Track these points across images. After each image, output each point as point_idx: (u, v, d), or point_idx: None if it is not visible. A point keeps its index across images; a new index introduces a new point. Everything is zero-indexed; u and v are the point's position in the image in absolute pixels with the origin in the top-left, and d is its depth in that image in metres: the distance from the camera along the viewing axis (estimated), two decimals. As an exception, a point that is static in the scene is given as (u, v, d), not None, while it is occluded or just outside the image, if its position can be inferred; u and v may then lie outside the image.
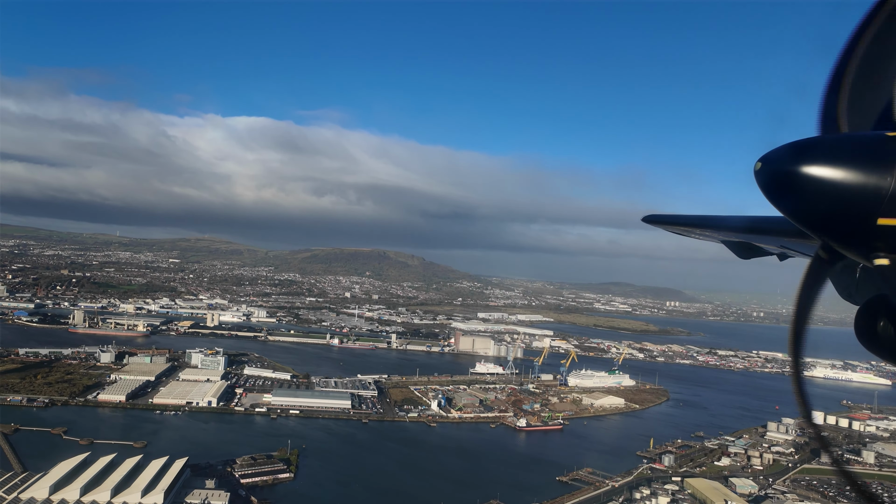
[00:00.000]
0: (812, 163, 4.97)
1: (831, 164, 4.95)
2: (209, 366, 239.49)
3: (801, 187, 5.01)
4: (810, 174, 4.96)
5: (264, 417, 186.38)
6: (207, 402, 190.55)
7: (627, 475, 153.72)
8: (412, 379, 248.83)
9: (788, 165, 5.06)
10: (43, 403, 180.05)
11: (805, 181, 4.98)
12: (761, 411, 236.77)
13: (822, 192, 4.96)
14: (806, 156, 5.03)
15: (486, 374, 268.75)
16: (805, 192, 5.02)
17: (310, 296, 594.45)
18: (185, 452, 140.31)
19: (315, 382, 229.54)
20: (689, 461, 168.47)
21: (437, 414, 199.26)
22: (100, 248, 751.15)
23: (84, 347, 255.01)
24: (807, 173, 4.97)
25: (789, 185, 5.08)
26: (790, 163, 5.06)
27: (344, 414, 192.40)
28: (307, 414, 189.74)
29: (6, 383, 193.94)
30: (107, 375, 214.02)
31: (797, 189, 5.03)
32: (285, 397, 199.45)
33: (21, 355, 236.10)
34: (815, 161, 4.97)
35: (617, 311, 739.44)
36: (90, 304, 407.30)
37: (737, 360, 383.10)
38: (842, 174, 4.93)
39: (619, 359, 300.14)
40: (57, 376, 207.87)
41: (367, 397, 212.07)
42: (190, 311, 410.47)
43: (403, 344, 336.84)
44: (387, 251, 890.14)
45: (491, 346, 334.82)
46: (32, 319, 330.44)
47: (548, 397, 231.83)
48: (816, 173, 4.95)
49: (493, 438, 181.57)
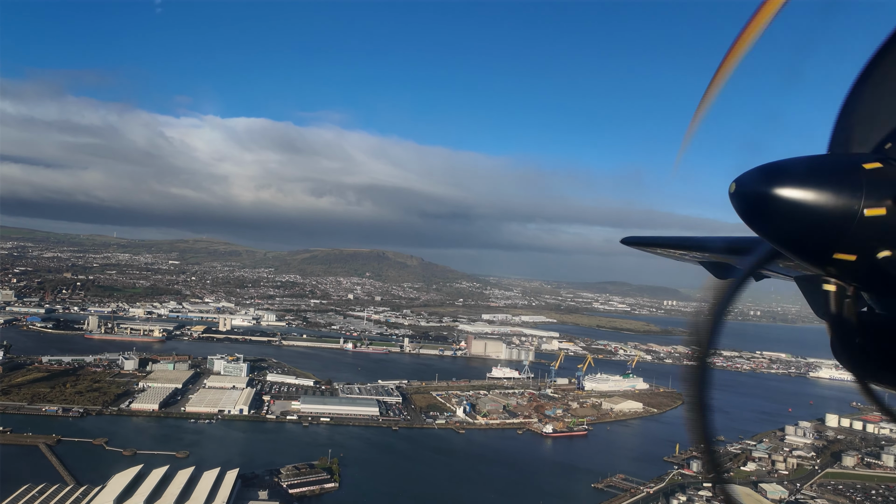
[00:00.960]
0: (782, 185, 5.09)
1: (802, 189, 5.06)
2: (231, 372, 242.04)
3: (770, 209, 5.15)
4: (779, 196, 5.09)
5: (296, 425, 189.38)
6: (239, 410, 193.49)
7: (660, 481, 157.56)
8: (432, 384, 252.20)
9: (759, 187, 5.18)
10: (78, 413, 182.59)
11: (773, 203, 5.11)
12: (776, 414, 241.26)
13: (789, 216, 5.11)
14: (776, 178, 5.15)
15: (503, 378, 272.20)
16: (773, 214, 5.17)
17: (313, 297, 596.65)
18: (228, 462, 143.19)
19: (338, 389, 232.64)
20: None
21: (464, 420, 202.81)
22: (98, 250, 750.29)
23: (105, 354, 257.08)
24: (775, 195, 5.10)
25: (759, 206, 5.21)
26: (760, 184, 5.18)
27: (373, 421, 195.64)
28: (337, 421, 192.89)
29: (37, 393, 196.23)
30: (134, 383, 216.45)
31: (766, 210, 5.18)
32: (314, 405, 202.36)
33: (45, 363, 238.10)
34: (785, 184, 5.09)
35: (616, 311, 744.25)
36: (100, 309, 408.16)
37: (742, 360, 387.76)
38: (810, 201, 5.04)
39: (632, 362, 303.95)
40: (85, 385, 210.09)
41: (393, 404, 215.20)
42: (199, 316, 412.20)
43: (416, 348, 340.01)
44: (386, 252, 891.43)
45: (503, 349, 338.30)
46: (47, 325, 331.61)
47: (568, 402, 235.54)
48: (784, 195, 5.07)
49: (523, 445, 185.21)
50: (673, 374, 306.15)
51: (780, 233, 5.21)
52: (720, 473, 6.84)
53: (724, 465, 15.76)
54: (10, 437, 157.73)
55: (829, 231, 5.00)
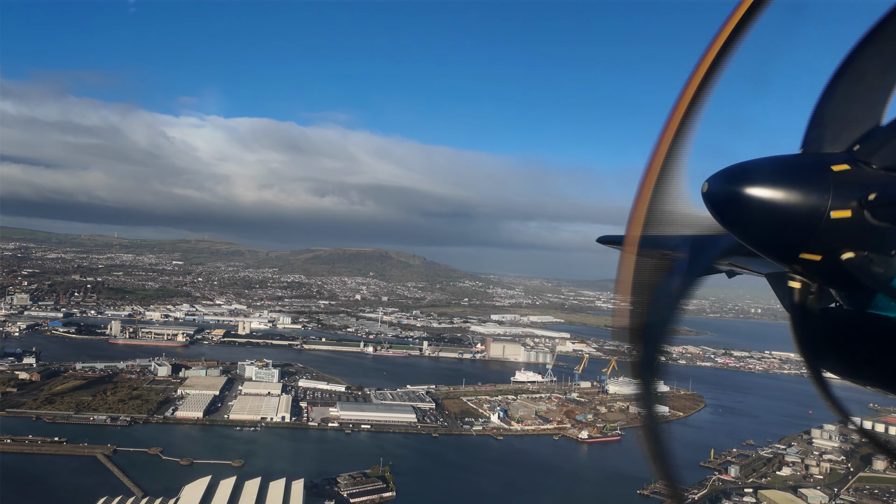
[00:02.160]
0: (751, 185, 5.22)
1: (771, 189, 5.19)
2: (263, 378, 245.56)
3: (740, 207, 5.27)
4: (748, 195, 5.21)
5: (338, 432, 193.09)
6: (281, 418, 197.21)
7: (701, 487, 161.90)
8: (459, 389, 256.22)
9: (730, 186, 5.32)
10: (126, 422, 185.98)
11: (743, 202, 5.24)
12: (798, 416, 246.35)
13: (758, 215, 5.24)
14: (746, 178, 5.28)
15: (527, 382, 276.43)
16: (742, 212, 5.29)
17: (321, 298, 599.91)
18: (284, 471, 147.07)
19: (370, 394, 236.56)
20: (751, 471, 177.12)
21: (500, 426, 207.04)
22: (101, 251, 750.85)
23: (136, 361, 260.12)
24: (745, 194, 5.22)
25: (729, 205, 5.34)
26: (731, 184, 5.32)
27: (412, 428, 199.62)
28: (377, 428, 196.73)
29: (81, 401, 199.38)
30: (172, 391, 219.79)
31: (736, 209, 5.30)
32: (352, 411, 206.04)
33: (79, 370, 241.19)
34: (755, 183, 5.22)
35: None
36: (117, 313, 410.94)
37: (754, 361, 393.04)
38: (778, 202, 5.17)
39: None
40: (124, 392, 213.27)
41: (427, 410, 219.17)
42: (215, 319, 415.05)
43: (435, 351, 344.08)
44: (388, 251, 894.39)
45: (521, 352, 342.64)
46: (69, 330, 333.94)
47: (595, 406, 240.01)
48: (754, 195, 5.20)
49: (563, 451, 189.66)
50: (685, 375, 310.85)
51: (750, 231, 5.45)
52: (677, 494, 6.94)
53: (681, 486, 15.63)
54: (67, 447, 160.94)
55: (797, 232, 5.23)
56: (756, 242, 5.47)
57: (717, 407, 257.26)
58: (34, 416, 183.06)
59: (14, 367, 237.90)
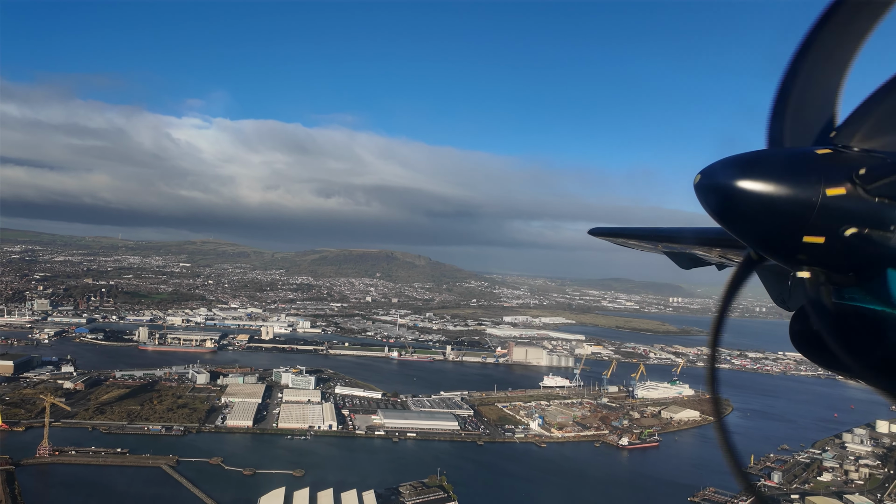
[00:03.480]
0: (745, 177, 5.31)
1: (763, 180, 5.30)
2: (300, 385, 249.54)
3: (735, 200, 5.36)
4: (742, 189, 5.30)
5: (384, 441, 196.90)
6: (328, 426, 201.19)
7: (745, 495, 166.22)
8: (492, 395, 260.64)
9: (723, 179, 5.41)
10: (180, 431, 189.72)
11: (738, 195, 5.33)
12: (824, 419, 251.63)
13: (753, 206, 5.33)
14: (739, 171, 5.37)
15: (555, 387, 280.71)
16: (737, 206, 5.38)
17: (332, 301, 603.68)
18: (343, 481, 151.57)
19: (406, 401, 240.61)
20: (792, 477, 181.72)
21: (541, 433, 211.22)
22: (108, 253, 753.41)
23: (173, 368, 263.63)
24: (740, 187, 5.31)
25: (724, 198, 5.43)
26: (724, 177, 5.41)
27: (456, 436, 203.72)
28: (423, 436, 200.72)
29: (131, 410, 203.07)
30: (215, 399, 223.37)
31: (731, 202, 5.39)
32: (395, 419, 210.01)
33: (119, 378, 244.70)
34: (748, 176, 5.31)
35: (626, 309, 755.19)
36: (139, 319, 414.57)
37: (769, 362, 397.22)
38: (772, 190, 5.28)
39: (676, 369, 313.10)
40: (169, 401, 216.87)
41: (466, 417, 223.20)
42: (236, 323, 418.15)
43: (459, 355, 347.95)
44: (394, 252, 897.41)
45: (543, 356, 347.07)
46: (97, 337, 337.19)
47: (628, 412, 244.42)
48: (748, 188, 5.29)
49: (608, 459, 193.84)
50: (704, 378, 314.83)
51: (748, 224, 5.53)
52: (749, 481, 7.59)
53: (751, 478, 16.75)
54: (131, 458, 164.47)
55: (795, 214, 5.30)
56: (755, 234, 5.70)
57: (744, 411, 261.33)
58: (90, 427, 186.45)
59: (55, 377, 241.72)
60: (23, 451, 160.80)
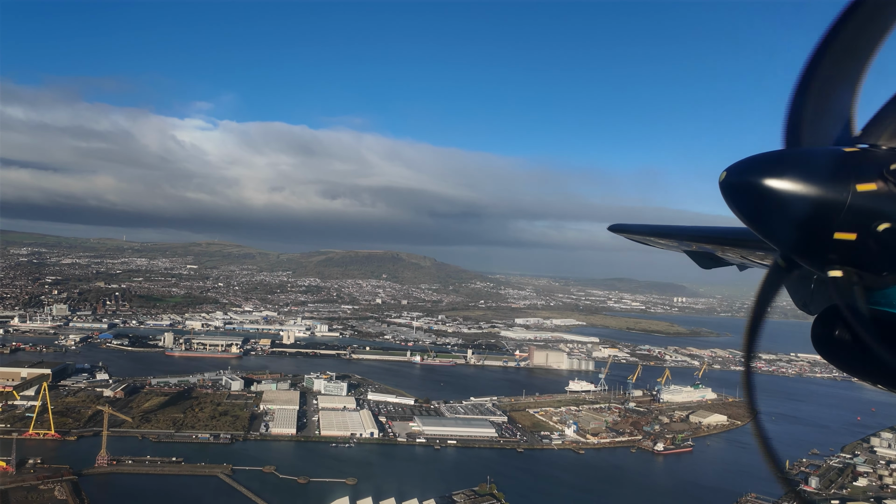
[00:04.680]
0: (773, 176, 5.30)
1: (792, 177, 5.27)
2: (332, 391, 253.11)
3: (762, 199, 5.35)
4: (771, 187, 5.29)
5: (426, 448, 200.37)
6: (370, 434, 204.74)
7: (789, 500, 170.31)
8: (521, 400, 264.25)
9: (750, 177, 5.40)
10: (227, 439, 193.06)
11: (766, 193, 5.32)
12: (848, 423, 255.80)
13: (782, 204, 5.30)
14: (768, 169, 5.37)
15: (580, 391, 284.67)
16: (766, 204, 5.36)
17: (342, 303, 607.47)
18: (396, 489, 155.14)
19: (439, 407, 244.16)
20: (828, 482, 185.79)
21: (577, 440, 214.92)
22: (114, 255, 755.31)
23: (205, 374, 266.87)
24: (768, 186, 5.30)
25: (751, 197, 5.42)
26: (752, 175, 5.40)
27: (496, 443, 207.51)
28: (463, 444, 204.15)
29: (175, 418, 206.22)
30: (254, 406, 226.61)
31: (758, 201, 5.38)
32: (433, 426, 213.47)
33: (154, 385, 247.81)
34: (777, 174, 5.30)
35: (633, 310, 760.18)
36: (158, 323, 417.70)
37: (784, 364, 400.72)
38: (801, 188, 5.25)
39: (699, 372, 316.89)
40: (210, 409, 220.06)
41: (501, 423, 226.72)
42: (255, 328, 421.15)
43: (480, 359, 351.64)
44: (399, 252, 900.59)
45: (564, 359, 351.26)
46: (123, 343, 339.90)
47: (657, 417, 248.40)
48: (777, 186, 5.28)
49: (647, 466, 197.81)
50: (729, 381, 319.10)
51: (774, 223, 5.56)
52: (791, 485, 9.68)
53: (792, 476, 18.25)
54: (187, 467, 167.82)
55: (826, 212, 5.29)
56: (783, 234, 5.66)
57: (769, 415, 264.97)
58: (139, 436, 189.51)
59: (92, 384, 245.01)
60: (80, 461, 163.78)
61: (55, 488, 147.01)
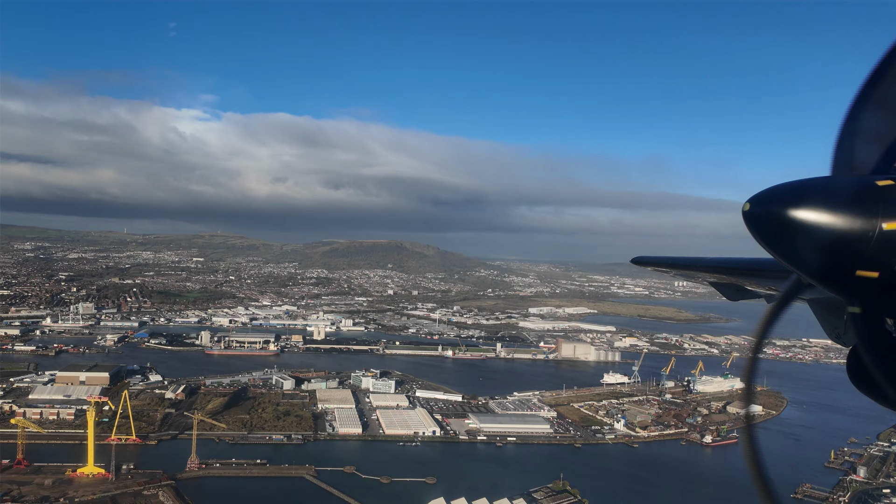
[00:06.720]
0: (798, 207, 5.14)
1: (817, 208, 5.10)
2: (380, 388, 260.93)
3: (787, 230, 5.19)
4: (796, 218, 5.13)
5: (488, 445, 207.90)
6: (433, 432, 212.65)
7: (840, 489, 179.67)
8: (562, 394, 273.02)
9: (774, 208, 5.25)
10: (299, 440, 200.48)
11: (790, 225, 5.16)
12: (874, 409, 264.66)
13: (806, 235, 5.14)
14: (792, 199, 5.20)
15: (616, 384, 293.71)
16: (791, 235, 5.20)
17: (355, 294, 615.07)
18: (476, 487, 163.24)
19: (486, 403, 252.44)
20: (874, 471, 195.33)
21: (629, 434, 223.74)
22: (119, 249, 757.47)
23: (254, 374, 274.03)
24: (792, 217, 5.14)
25: (775, 228, 5.26)
26: (775, 206, 5.25)
27: (553, 439, 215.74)
28: (522, 440, 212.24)
29: (242, 419, 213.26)
30: (311, 405, 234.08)
31: (784, 231, 5.21)
32: (489, 423, 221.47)
33: (209, 386, 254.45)
34: (801, 205, 5.14)
35: (636, 295, 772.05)
36: (186, 321, 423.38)
37: (799, 350, 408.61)
38: (827, 220, 5.08)
39: (727, 362, 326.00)
40: (271, 409, 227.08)
41: (551, 418, 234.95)
42: (280, 323, 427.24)
43: (510, 353, 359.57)
44: (402, 242, 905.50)
45: (591, 351, 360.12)
46: (161, 342, 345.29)
47: (696, 408, 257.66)
48: (802, 217, 5.12)
49: (701, 458, 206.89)
50: (761, 371, 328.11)
51: (798, 254, 5.33)
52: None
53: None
54: (272, 469, 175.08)
55: (850, 248, 5.10)
56: (806, 266, 5.50)
57: (800, 403, 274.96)
58: (216, 438, 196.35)
59: (149, 386, 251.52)
60: (169, 465, 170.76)
61: (158, 493, 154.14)
